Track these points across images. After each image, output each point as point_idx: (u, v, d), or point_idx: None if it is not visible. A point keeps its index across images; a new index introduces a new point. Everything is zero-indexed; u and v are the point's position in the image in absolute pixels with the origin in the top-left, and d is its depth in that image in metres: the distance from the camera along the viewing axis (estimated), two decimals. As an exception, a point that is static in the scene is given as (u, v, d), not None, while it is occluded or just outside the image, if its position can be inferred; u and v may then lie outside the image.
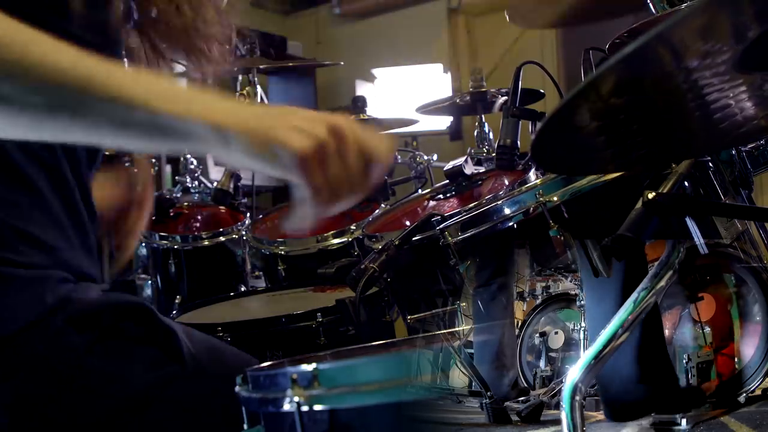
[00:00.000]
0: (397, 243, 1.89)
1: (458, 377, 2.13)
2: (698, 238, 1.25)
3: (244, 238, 2.89)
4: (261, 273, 2.95)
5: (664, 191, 1.33)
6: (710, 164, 1.75)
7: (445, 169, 2.46)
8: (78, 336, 1.01)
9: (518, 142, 2.22)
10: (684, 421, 1.78)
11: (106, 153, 1.34)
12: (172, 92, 0.87)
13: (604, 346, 1.32)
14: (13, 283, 0.98)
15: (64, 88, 0.82)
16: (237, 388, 0.86)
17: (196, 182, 3.36)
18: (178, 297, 2.86)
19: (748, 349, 1.96)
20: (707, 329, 2.01)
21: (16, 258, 0.99)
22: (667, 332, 2.04)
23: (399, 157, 3.41)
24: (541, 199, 1.76)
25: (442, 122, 5.06)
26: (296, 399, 0.75)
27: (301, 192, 0.91)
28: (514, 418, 2.04)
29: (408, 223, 2.43)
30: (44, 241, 1.03)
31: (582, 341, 2.27)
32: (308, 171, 0.89)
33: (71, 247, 1.07)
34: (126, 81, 0.85)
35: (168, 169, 4.60)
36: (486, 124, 3.09)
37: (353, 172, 0.92)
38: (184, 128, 0.86)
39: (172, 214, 3.07)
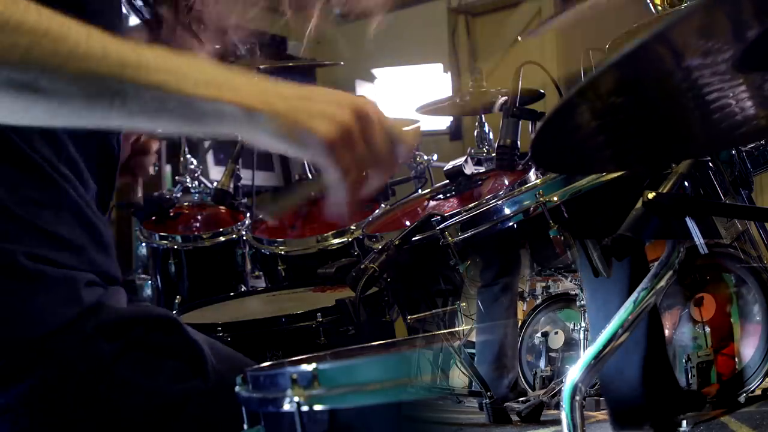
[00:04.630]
0: (397, 243, 1.89)
1: (458, 377, 2.13)
2: (698, 238, 1.25)
3: (244, 238, 2.89)
4: (261, 273, 2.95)
5: (664, 191, 1.33)
6: (710, 164, 1.75)
7: (445, 169, 2.46)
8: (107, 344, 1.01)
9: (518, 142, 2.22)
10: (684, 422, 1.78)
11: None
12: (203, 75, 0.87)
13: (604, 346, 1.32)
14: (43, 282, 0.98)
15: (100, 76, 0.81)
16: (237, 388, 0.86)
17: (196, 182, 3.36)
18: (178, 297, 2.86)
19: (748, 349, 1.96)
20: (707, 329, 2.01)
21: (47, 254, 0.99)
22: (667, 332, 2.04)
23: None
24: (541, 199, 1.76)
25: (442, 122, 5.07)
26: (296, 399, 0.75)
27: (330, 176, 0.93)
28: (514, 418, 2.04)
29: (408, 223, 2.43)
30: (72, 241, 1.03)
31: (582, 341, 2.27)
32: (335, 155, 0.91)
33: (97, 246, 1.08)
34: (158, 66, 0.84)
35: (168, 169, 4.60)
36: (486, 124, 3.09)
37: (379, 153, 0.94)
38: (217, 111, 0.87)
39: (172, 214, 3.07)
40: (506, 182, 2.33)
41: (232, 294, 2.64)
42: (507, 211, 1.82)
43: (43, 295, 0.98)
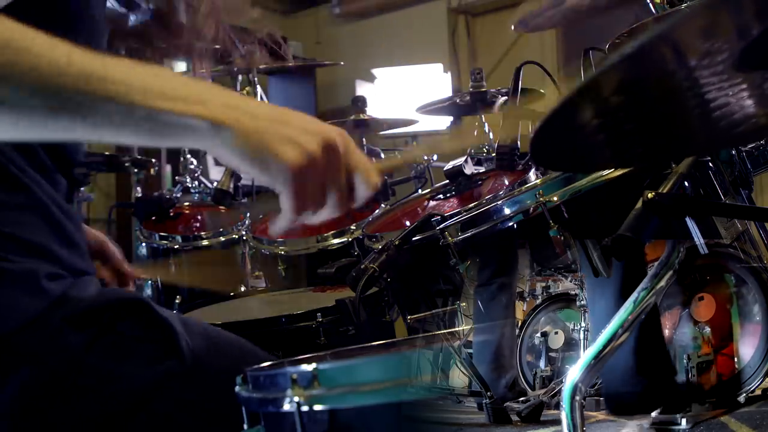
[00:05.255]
0: (397, 243, 1.89)
1: (458, 377, 2.13)
2: (698, 238, 1.25)
3: (244, 238, 2.89)
4: (261, 273, 2.95)
5: (664, 191, 1.33)
6: (710, 164, 1.75)
7: (445, 169, 2.46)
8: (76, 334, 1.01)
9: (518, 142, 2.22)
10: (684, 421, 1.78)
11: (106, 153, 1.35)
12: (170, 86, 0.86)
13: (604, 346, 1.32)
14: (4, 276, 0.97)
15: (62, 88, 0.80)
16: (237, 388, 0.86)
17: (196, 182, 3.36)
18: (178, 297, 2.85)
19: (748, 349, 1.96)
20: (707, 329, 2.01)
21: (5, 256, 0.98)
22: (667, 332, 2.04)
23: (399, 156, 3.41)
24: (541, 199, 1.76)
25: (442, 122, 5.06)
26: (296, 399, 0.75)
27: (284, 201, 0.91)
28: (514, 418, 2.04)
29: (408, 223, 2.43)
30: (32, 241, 1.02)
31: (582, 341, 2.27)
32: (295, 184, 0.89)
33: (62, 242, 1.07)
34: (123, 77, 0.83)
35: (168, 169, 4.60)
36: (486, 124, 3.08)
37: (338, 190, 0.92)
38: (183, 124, 0.86)
39: (172, 214, 3.08)
40: (506, 182, 2.33)
41: (232, 294, 2.63)
42: (507, 211, 1.82)
43: (3, 290, 0.97)
